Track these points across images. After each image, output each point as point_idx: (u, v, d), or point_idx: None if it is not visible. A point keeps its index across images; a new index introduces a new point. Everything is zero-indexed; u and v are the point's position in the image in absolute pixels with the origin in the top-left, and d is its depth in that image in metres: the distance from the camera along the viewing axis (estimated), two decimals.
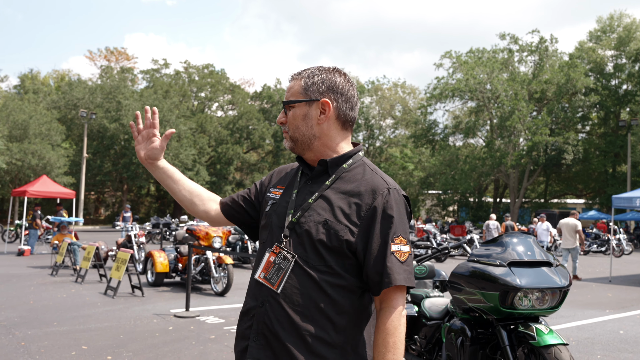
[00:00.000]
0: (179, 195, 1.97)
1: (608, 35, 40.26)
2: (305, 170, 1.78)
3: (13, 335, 6.22)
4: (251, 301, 1.70)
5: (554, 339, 3.23)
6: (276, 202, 1.77)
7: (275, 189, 1.81)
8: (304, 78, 1.76)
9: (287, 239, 1.66)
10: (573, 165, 39.12)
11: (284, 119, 1.77)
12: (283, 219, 1.70)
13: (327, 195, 1.68)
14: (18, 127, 33.98)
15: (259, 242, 1.81)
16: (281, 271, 1.64)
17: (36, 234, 16.90)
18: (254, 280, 1.71)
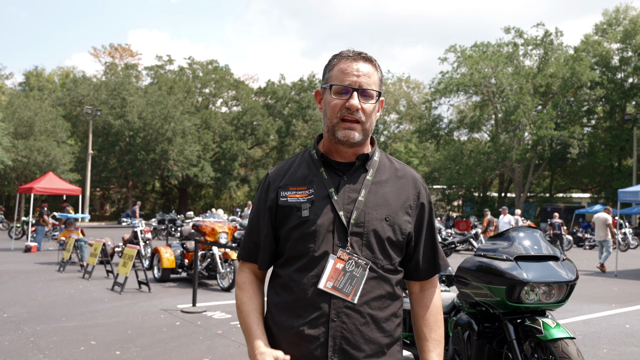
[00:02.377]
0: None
1: (614, 28, 39.99)
2: (334, 166, 1.65)
3: (22, 330, 6.27)
4: (307, 317, 1.54)
5: (561, 333, 3.24)
6: (313, 205, 1.58)
7: (294, 192, 1.62)
8: (379, 69, 1.67)
9: (350, 243, 1.58)
10: (578, 159, 38.95)
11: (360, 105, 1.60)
12: (334, 222, 1.57)
13: (374, 190, 1.63)
14: (23, 124, 34.13)
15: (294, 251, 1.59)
16: (355, 279, 1.55)
17: (43, 230, 16.99)
18: (314, 292, 1.55)
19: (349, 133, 1.58)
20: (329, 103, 1.61)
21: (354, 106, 1.57)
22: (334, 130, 1.60)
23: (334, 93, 1.60)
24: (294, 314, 1.56)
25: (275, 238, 1.66)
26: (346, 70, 1.59)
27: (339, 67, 1.62)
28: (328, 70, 1.66)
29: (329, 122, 1.62)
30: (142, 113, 38.60)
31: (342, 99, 1.58)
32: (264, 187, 1.69)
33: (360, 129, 1.59)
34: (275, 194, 1.63)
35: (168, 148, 38.83)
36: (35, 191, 17.66)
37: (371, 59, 1.63)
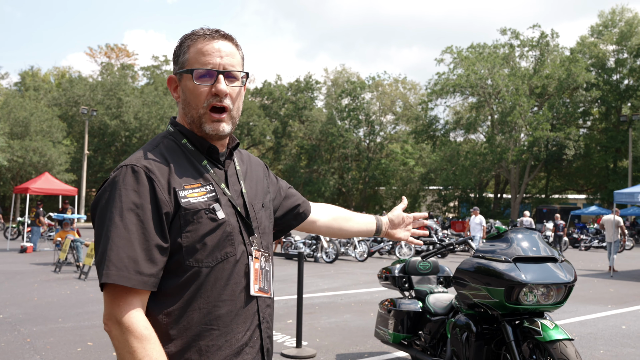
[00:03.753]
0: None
1: (610, 30, 40.17)
2: (213, 155, 1.46)
3: (18, 332, 6.25)
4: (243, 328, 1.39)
5: (560, 334, 3.25)
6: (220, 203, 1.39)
7: (191, 191, 1.36)
8: (240, 48, 1.50)
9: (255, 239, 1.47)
10: (574, 160, 39.12)
11: (228, 90, 1.42)
12: (237, 219, 1.43)
13: (247, 179, 1.55)
14: (19, 125, 34.01)
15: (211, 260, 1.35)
16: (268, 274, 1.49)
17: (39, 231, 16.93)
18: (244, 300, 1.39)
19: (218, 126, 1.41)
20: (192, 91, 1.40)
21: (222, 91, 1.39)
22: (201, 123, 1.41)
23: (196, 78, 1.39)
24: (222, 334, 1.35)
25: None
26: (206, 50, 1.40)
27: (196, 48, 1.41)
28: (182, 53, 1.43)
29: (194, 113, 1.41)
30: (138, 113, 38.54)
31: (207, 85, 1.39)
32: (142, 186, 1.30)
33: (228, 117, 1.42)
34: (171, 195, 1.32)
35: None
36: (31, 191, 17.59)
37: (231, 37, 1.46)
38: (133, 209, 1.28)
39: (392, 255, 17.46)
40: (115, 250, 1.25)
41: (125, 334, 1.22)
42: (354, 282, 11.11)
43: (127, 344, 1.22)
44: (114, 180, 1.32)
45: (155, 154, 1.38)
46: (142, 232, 1.27)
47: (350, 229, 1.94)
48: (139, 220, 1.28)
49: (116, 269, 1.23)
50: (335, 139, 46.10)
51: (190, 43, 1.43)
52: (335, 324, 6.93)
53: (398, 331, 4.70)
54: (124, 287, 1.24)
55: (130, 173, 1.31)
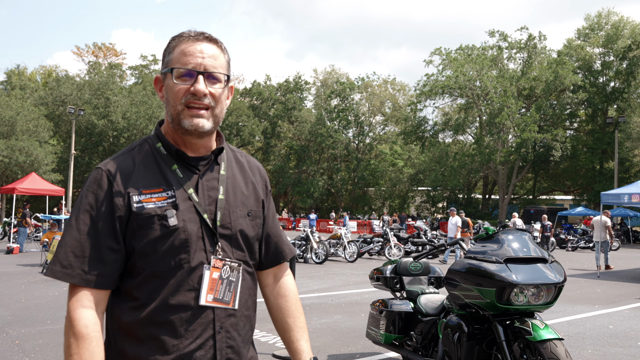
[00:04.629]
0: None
1: (596, 33, 40.63)
2: (188, 161, 1.45)
3: (7, 334, 6.19)
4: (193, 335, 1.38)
5: (550, 334, 3.29)
6: (178, 210, 1.38)
7: (149, 196, 1.37)
8: (226, 51, 1.51)
9: (220, 247, 1.44)
10: (561, 161, 39.52)
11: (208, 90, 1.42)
12: (201, 226, 1.41)
13: (231, 185, 1.51)
14: (5, 124, 33.61)
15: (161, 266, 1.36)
16: (232, 284, 1.45)
17: (25, 231, 16.77)
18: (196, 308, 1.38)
19: (198, 121, 1.40)
20: (172, 89, 1.41)
21: (200, 91, 1.39)
22: (180, 119, 1.40)
23: (175, 77, 1.40)
24: (171, 338, 1.36)
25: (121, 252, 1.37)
26: (188, 51, 1.41)
27: (180, 49, 1.42)
28: (167, 53, 1.45)
29: (173, 111, 1.41)
30: (126, 113, 38.30)
31: (186, 84, 1.40)
32: (100, 189, 1.35)
33: (209, 115, 1.42)
34: (125, 199, 1.35)
35: None
36: (18, 192, 17.41)
37: (216, 40, 1.46)
38: (88, 210, 1.34)
39: (381, 256, 17.52)
40: (64, 249, 1.32)
41: (67, 328, 1.30)
42: (344, 283, 11.13)
43: (66, 337, 1.29)
44: (84, 182, 1.41)
45: (125, 157, 1.42)
46: (93, 233, 1.33)
47: (282, 333, 1.64)
48: (92, 221, 1.33)
49: (61, 266, 1.31)
50: (325, 140, 46.14)
51: (175, 44, 1.44)
52: (326, 325, 6.95)
53: (389, 332, 4.72)
54: (75, 285, 1.31)
55: (94, 175, 1.38)
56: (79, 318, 1.29)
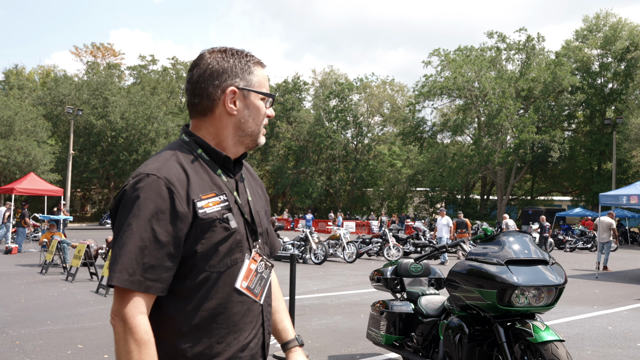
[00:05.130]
0: None
1: (594, 34, 40.72)
2: (228, 166, 1.55)
3: (7, 334, 6.19)
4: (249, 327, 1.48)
5: (551, 336, 3.30)
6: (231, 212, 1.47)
7: (207, 201, 1.43)
8: None
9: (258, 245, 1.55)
10: (559, 162, 39.61)
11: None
12: (245, 227, 1.51)
13: (251, 187, 1.64)
14: (3, 124, 33.54)
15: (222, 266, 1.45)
16: (263, 281, 1.55)
17: (24, 232, 16.74)
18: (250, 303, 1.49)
19: (263, 139, 1.60)
20: (259, 110, 1.54)
21: (272, 116, 1.59)
22: (257, 137, 1.55)
23: (260, 99, 1.54)
24: (231, 333, 1.45)
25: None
26: (264, 77, 1.57)
27: (260, 73, 1.55)
28: (249, 71, 1.52)
29: (255, 129, 1.54)
30: (125, 113, 38.25)
31: (264, 108, 1.56)
32: (160, 197, 1.37)
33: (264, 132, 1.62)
34: (189, 206, 1.39)
35: (151, 149, 38.50)
36: (16, 192, 17.39)
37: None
38: (150, 218, 1.35)
39: (380, 257, 17.53)
40: (128, 256, 1.33)
41: (127, 333, 1.31)
42: (343, 284, 11.14)
43: (126, 344, 1.31)
44: (135, 188, 1.38)
45: (173, 163, 1.44)
46: (155, 241, 1.35)
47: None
48: (153, 230, 1.35)
49: (127, 274, 1.32)
50: (323, 140, 46.15)
51: (253, 65, 1.54)
52: (326, 326, 6.96)
53: (390, 333, 4.73)
54: (132, 290, 1.33)
55: (151, 183, 1.38)
56: (139, 324, 1.32)
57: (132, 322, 1.31)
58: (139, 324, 1.32)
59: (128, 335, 1.31)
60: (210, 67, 1.50)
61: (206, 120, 1.53)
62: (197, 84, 1.50)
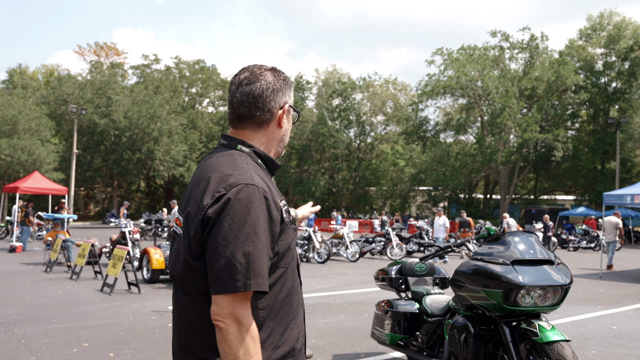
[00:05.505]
0: None
1: (598, 33, 40.60)
2: (274, 174, 1.74)
3: (13, 332, 6.21)
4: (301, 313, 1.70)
5: (557, 336, 3.31)
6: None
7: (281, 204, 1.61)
8: None
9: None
10: (562, 162, 39.49)
11: None
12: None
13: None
14: (7, 123, 33.64)
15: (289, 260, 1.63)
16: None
17: (28, 230, 16.80)
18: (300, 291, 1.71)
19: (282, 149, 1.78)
20: (288, 131, 1.74)
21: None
22: (278, 154, 1.75)
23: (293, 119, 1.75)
24: (296, 317, 1.64)
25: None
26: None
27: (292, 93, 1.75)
28: (290, 90, 1.72)
29: (288, 139, 1.75)
30: (128, 112, 38.31)
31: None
32: (263, 205, 1.51)
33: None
34: (279, 212, 1.56)
35: (154, 148, 38.57)
36: (21, 191, 17.44)
37: None
38: (263, 226, 1.49)
39: (383, 256, 17.54)
40: (260, 264, 1.47)
41: (243, 332, 1.43)
42: (347, 283, 11.15)
43: (243, 342, 1.43)
44: (239, 198, 1.48)
45: (258, 173, 1.59)
46: (266, 245, 1.50)
47: None
48: (264, 236, 1.49)
49: (262, 278, 1.46)
50: (326, 139, 46.15)
51: (291, 85, 1.74)
52: (330, 325, 6.97)
53: (395, 332, 4.74)
54: (248, 292, 1.46)
55: (254, 192, 1.50)
56: (252, 322, 1.46)
57: (247, 322, 1.44)
58: (251, 321, 1.46)
59: (245, 334, 1.43)
60: (272, 85, 1.65)
61: (260, 132, 1.67)
62: (259, 98, 1.63)
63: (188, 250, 1.51)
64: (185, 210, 1.58)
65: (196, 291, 1.52)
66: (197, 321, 1.53)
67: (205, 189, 1.52)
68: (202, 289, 1.50)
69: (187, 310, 1.56)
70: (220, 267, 1.43)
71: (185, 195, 1.65)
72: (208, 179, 1.54)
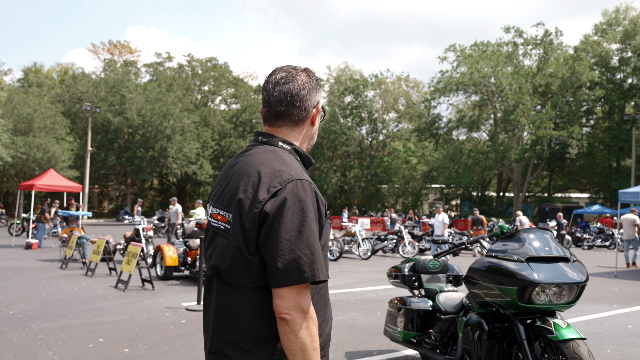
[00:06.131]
0: None
1: (614, 28, 40.06)
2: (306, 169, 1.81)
3: (30, 328, 6.30)
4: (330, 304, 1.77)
5: (572, 334, 3.28)
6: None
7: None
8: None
9: None
10: (577, 159, 39.05)
11: None
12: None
13: None
14: (23, 121, 34.06)
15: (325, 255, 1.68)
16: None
17: (44, 227, 16.99)
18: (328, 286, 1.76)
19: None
20: (317, 129, 1.80)
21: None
22: (308, 151, 1.80)
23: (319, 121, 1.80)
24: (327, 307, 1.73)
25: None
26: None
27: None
28: (320, 92, 1.77)
29: (311, 144, 1.81)
30: (141, 110, 38.57)
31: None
32: (315, 200, 1.59)
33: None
34: (324, 206, 1.63)
35: (167, 145, 38.80)
36: (36, 188, 17.65)
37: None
38: (316, 219, 1.56)
39: (395, 254, 17.50)
40: (318, 256, 1.54)
41: (308, 321, 1.51)
42: (359, 280, 11.15)
43: (309, 330, 1.51)
44: (296, 193, 1.54)
45: (302, 169, 1.66)
46: (319, 239, 1.57)
47: None
48: (316, 229, 1.56)
49: (323, 269, 1.55)
50: (338, 137, 46.10)
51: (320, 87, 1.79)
52: (342, 322, 6.98)
53: (408, 329, 4.73)
54: (308, 283, 1.52)
55: (307, 187, 1.57)
56: (313, 309, 1.54)
57: (312, 311, 1.52)
58: (314, 310, 1.54)
59: (310, 323, 1.51)
60: (307, 85, 1.71)
61: (296, 129, 1.73)
62: (297, 96, 1.68)
63: (245, 245, 1.53)
64: (228, 205, 1.60)
65: (247, 284, 1.55)
66: (246, 313, 1.56)
67: (257, 183, 1.55)
68: (254, 282, 1.54)
69: (234, 304, 1.57)
70: (287, 261, 1.48)
71: (220, 190, 1.68)
72: (258, 173, 1.57)
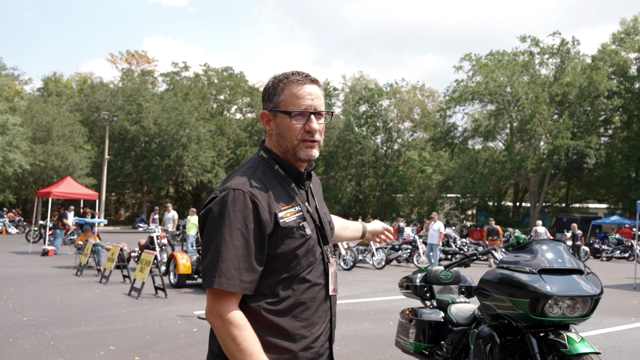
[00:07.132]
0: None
1: (632, 37, 39.60)
2: (300, 179, 1.75)
3: (42, 334, 6.35)
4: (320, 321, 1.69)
5: (586, 348, 3.21)
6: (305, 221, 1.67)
7: (286, 211, 1.63)
8: (323, 89, 1.78)
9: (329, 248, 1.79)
10: (595, 169, 38.50)
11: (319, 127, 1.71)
12: (317, 233, 1.72)
13: (317, 195, 1.86)
14: (42, 129, 34.60)
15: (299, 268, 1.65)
16: (336, 276, 1.80)
17: (61, 234, 17.18)
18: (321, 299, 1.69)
19: (310, 152, 1.69)
20: (288, 127, 1.67)
21: (314, 129, 1.67)
22: (296, 151, 1.69)
23: (292, 118, 1.67)
24: (306, 326, 1.66)
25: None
26: (300, 94, 1.67)
27: (290, 92, 1.67)
28: (277, 93, 1.69)
29: (289, 145, 1.69)
30: (158, 119, 38.97)
31: (300, 123, 1.67)
32: (247, 209, 1.56)
33: (317, 146, 1.71)
34: (271, 216, 1.59)
35: (183, 154, 39.11)
36: (53, 195, 17.87)
37: (317, 81, 1.73)
38: (239, 228, 1.55)
39: (409, 264, 17.37)
40: (225, 263, 1.53)
41: (225, 324, 1.52)
42: (372, 290, 11.08)
43: (228, 332, 1.52)
44: (224, 201, 1.58)
45: (255, 179, 1.63)
46: (246, 248, 1.55)
47: (346, 236, 2.30)
48: (244, 238, 1.55)
49: (225, 278, 1.53)
50: (353, 146, 46.07)
51: (284, 86, 1.69)
52: (354, 332, 6.92)
53: (419, 341, 4.67)
54: (227, 292, 1.54)
55: (238, 196, 1.57)
56: (234, 314, 1.54)
57: (227, 316, 1.53)
58: (233, 314, 1.53)
59: (227, 325, 1.52)
60: (266, 88, 1.74)
61: (267, 133, 1.77)
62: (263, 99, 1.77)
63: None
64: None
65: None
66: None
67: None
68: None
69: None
70: (203, 266, 1.58)
71: None
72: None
